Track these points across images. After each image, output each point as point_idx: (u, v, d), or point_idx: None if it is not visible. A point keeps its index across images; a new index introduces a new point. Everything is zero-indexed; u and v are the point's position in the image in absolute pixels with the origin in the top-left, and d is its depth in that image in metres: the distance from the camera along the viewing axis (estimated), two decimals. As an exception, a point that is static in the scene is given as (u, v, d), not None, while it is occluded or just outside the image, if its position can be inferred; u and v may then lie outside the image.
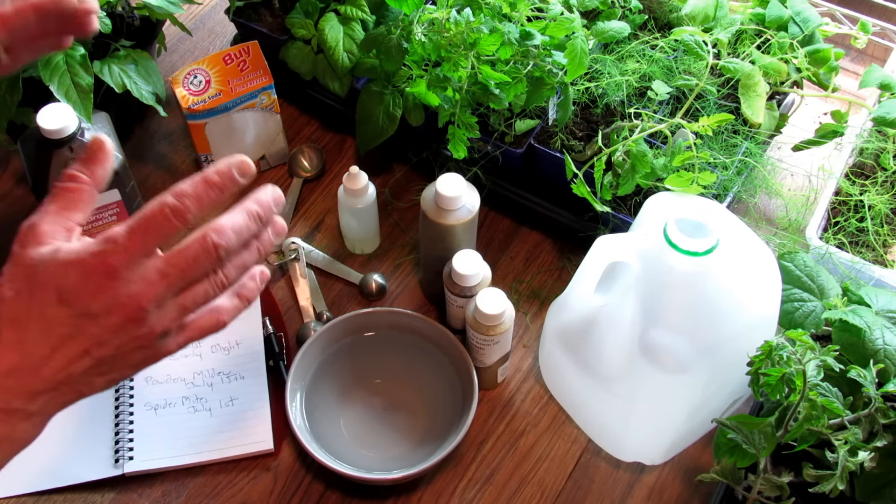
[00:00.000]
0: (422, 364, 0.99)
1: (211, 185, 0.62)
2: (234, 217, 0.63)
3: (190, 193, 0.62)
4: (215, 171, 0.63)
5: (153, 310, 0.61)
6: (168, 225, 0.61)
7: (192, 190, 0.62)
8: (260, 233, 0.65)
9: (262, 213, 0.64)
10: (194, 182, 0.62)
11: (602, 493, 0.94)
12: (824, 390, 0.75)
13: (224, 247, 0.62)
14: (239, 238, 0.63)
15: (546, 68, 0.98)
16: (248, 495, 0.94)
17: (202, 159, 1.12)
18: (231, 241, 0.62)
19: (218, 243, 0.62)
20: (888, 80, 1.03)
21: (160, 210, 0.60)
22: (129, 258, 0.60)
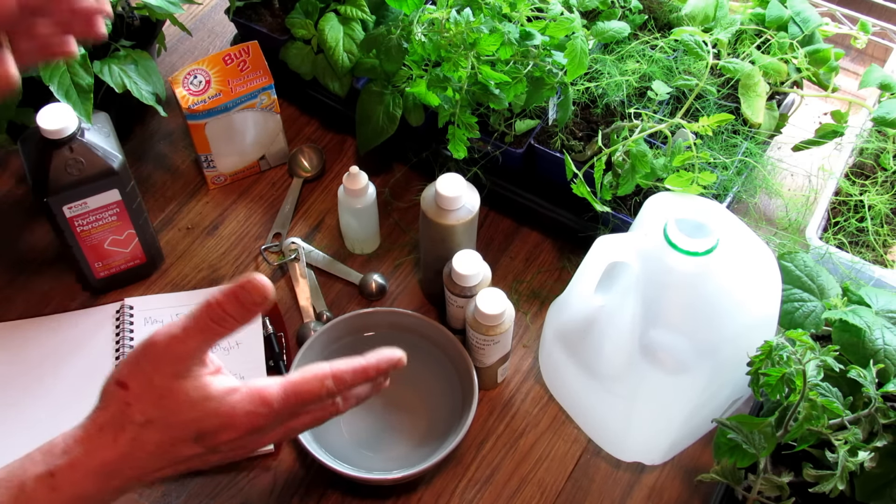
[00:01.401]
0: (422, 364, 0.99)
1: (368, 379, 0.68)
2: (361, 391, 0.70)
3: (349, 383, 0.66)
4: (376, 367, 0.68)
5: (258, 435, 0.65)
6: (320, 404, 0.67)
7: (351, 379, 0.66)
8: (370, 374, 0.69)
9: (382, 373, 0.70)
10: (355, 371, 0.67)
11: (602, 493, 0.94)
12: (824, 390, 0.75)
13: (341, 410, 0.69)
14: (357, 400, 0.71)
15: (546, 68, 0.98)
16: (248, 495, 0.94)
17: (202, 159, 1.12)
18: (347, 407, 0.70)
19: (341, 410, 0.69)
20: (888, 80, 1.03)
21: (320, 392, 0.65)
22: (276, 421, 0.64)
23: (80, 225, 0.97)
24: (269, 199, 1.16)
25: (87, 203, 0.95)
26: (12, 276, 1.08)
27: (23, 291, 1.06)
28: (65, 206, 0.94)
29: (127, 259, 1.03)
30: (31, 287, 1.07)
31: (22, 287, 1.07)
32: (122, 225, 0.99)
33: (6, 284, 1.07)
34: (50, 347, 1.01)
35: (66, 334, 1.02)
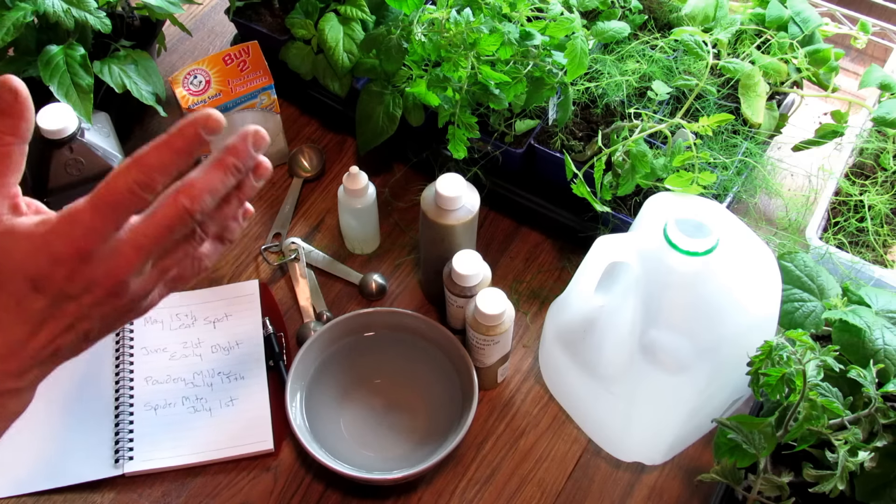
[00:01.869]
0: (422, 364, 0.99)
1: (177, 150, 0.56)
2: (210, 177, 0.57)
3: (155, 165, 0.56)
4: (179, 132, 0.56)
5: (133, 279, 0.58)
6: (135, 199, 0.56)
7: (157, 160, 0.56)
8: (241, 182, 0.60)
9: (241, 163, 0.58)
10: (159, 149, 0.56)
11: (602, 493, 0.94)
12: (824, 390, 0.75)
13: (199, 210, 0.57)
14: (215, 198, 0.58)
15: (546, 68, 0.98)
16: (248, 495, 0.94)
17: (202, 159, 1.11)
18: (207, 204, 0.57)
19: (192, 208, 0.57)
20: (888, 80, 1.03)
21: (127, 187, 0.55)
22: (99, 237, 0.56)
23: (80, 225, 0.96)
24: (269, 199, 1.16)
25: (87, 203, 0.95)
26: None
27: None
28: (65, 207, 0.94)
29: (127, 259, 1.03)
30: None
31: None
32: (122, 225, 0.99)
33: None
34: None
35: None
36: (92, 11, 0.96)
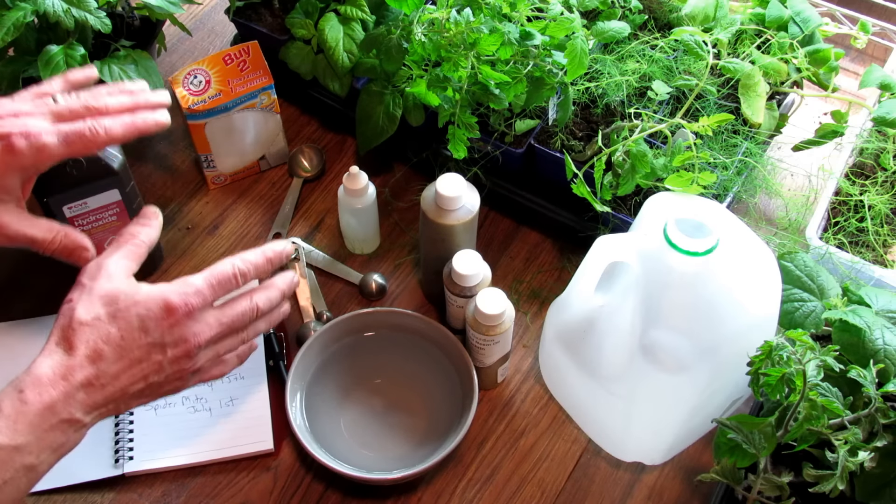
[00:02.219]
0: (422, 364, 0.99)
1: (267, 260, 0.77)
2: (272, 292, 0.78)
3: (253, 263, 0.76)
4: (273, 251, 0.78)
5: (202, 350, 0.73)
6: (234, 284, 0.74)
7: (254, 261, 0.76)
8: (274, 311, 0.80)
9: (287, 293, 0.80)
10: (257, 255, 0.77)
11: (602, 493, 0.94)
12: (824, 390, 0.75)
13: (262, 311, 0.77)
14: (270, 307, 0.78)
15: (546, 68, 0.98)
16: (248, 495, 0.94)
17: (202, 159, 1.12)
18: (265, 308, 0.77)
19: (260, 308, 0.76)
20: (888, 80, 1.03)
21: (233, 272, 0.74)
22: (204, 304, 0.72)
23: (80, 225, 0.97)
24: (269, 199, 1.16)
25: (88, 203, 0.95)
26: (13, 275, 1.08)
27: (23, 291, 1.06)
28: (65, 206, 0.94)
29: (127, 259, 1.04)
30: (31, 287, 1.07)
31: (22, 287, 1.07)
32: (122, 225, 0.99)
33: (6, 284, 1.07)
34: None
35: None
36: (92, 11, 0.96)
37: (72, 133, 0.75)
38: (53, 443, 0.67)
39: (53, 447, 0.67)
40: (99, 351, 0.69)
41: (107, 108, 0.78)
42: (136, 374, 0.70)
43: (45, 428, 0.66)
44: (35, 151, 0.74)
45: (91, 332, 0.69)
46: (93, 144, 0.76)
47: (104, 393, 0.69)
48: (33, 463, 0.66)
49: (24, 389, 0.67)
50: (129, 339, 0.70)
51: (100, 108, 0.78)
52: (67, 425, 0.68)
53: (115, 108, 0.79)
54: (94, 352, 0.68)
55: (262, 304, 0.77)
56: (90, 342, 0.69)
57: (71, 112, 0.77)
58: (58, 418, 0.67)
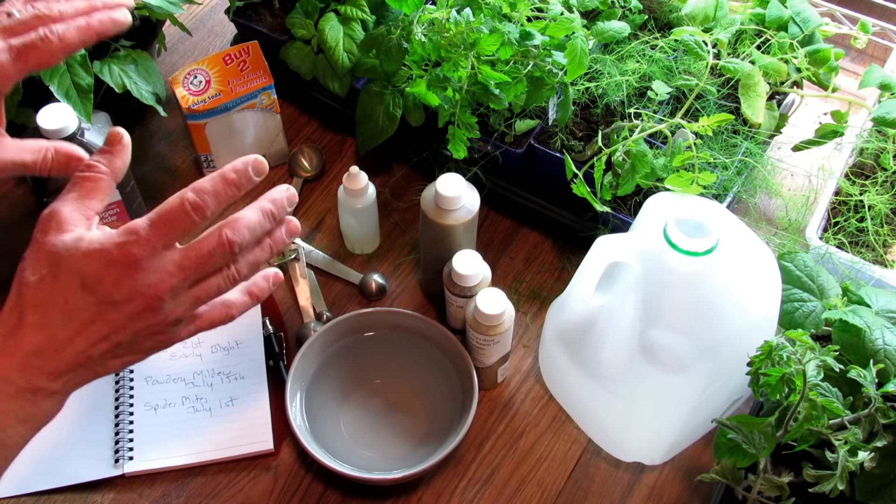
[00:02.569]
0: (422, 364, 0.99)
1: (228, 182, 0.65)
2: (249, 214, 0.65)
3: (209, 190, 0.64)
4: (232, 168, 0.65)
5: (169, 300, 0.64)
6: (188, 220, 0.63)
7: (210, 187, 0.64)
8: (273, 230, 0.68)
9: (276, 211, 0.67)
10: (213, 179, 0.65)
11: (602, 493, 0.94)
12: (824, 390, 0.75)
13: (238, 242, 0.64)
14: (252, 234, 0.66)
15: (546, 68, 0.98)
16: (248, 495, 0.94)
17: (202, 159, 1.12)
18: (245, 237, 0.65)
19: (232, 239, 0.64)
20: (888, 80, 1.03)
21: (181, 205, 0.63)
22: (151, 250, 0.63)
23: (80, 225, 0.96)
24: (269, 199, 1.15)
25: (87, 203, 0.95)
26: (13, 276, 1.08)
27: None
28: (65, 206, 0.94)
29: (127, 259, 1.03)
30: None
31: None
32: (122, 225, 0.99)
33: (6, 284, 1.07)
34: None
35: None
36: (92, 11, 0.96)
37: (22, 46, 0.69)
38: (19, 413, 0.64)
39: (20, 418, 0.64)
40: (45, 314, 0.64)
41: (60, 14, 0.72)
42: (93, 335, 0.64)
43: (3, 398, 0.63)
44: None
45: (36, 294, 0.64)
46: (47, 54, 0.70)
47: (63, 358, 0.64)
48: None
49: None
50: (73, 300, 0.63)
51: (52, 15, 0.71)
52: (30, 394, 0.64)
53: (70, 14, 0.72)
54: (41, 317, 0.64)
55: (235, 237, 0.64)
56: (36, 307, 0.64)
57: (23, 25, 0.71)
58: (15, 387, 0.63)
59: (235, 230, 0.65)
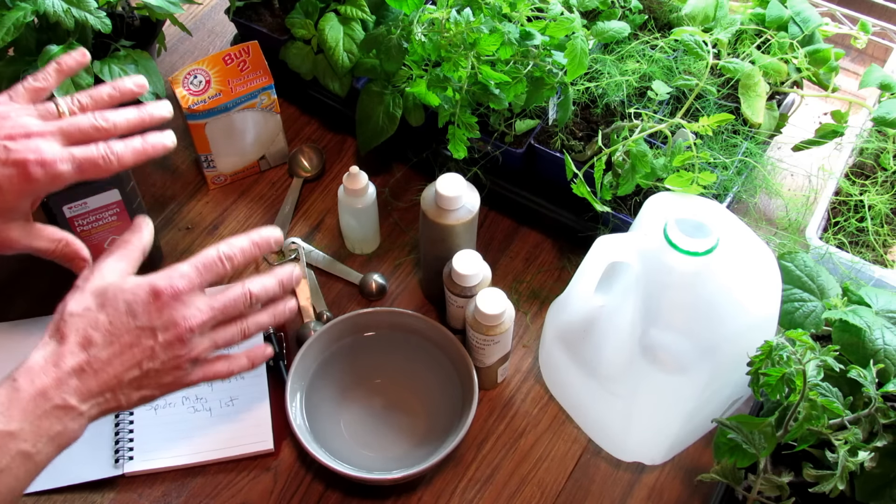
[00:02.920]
0: (422, 364, 0.99)
1: (254, 244, 0.77)
2: (266, 278, 0.77)
3: (238, 247, 0.76)
4: (259, 235, 0.77)
5: (197, 336, 0.72)
6: (221, 267, 0.74)
7: (239, 245, 0.76)
8: (278, 301, 0.79)
9: (286, 282, 0.78)
10: (242, 239, 0.76)
11: (602, 493, 0.94)
12: (824, 390, 0.75)
13: (255, 296, 0.76)
14: (266, 294, 0.76)
15: (546, 68, 0.98)
16: (248, 495, 0.94)
17: (202, 159, 1.12)
18: (261, 294, 0.76)
19: (252, 293, 0.75)
20: (888, 80, 1.03)
21: (218, 256, 0.74)
22: (191, 287, 0.72)
23: (80, 225, 0.97)
24: (269, 199, 1.16)
25: (88, 203, 0.95)
26: (13, 276, 1.08)
27: (23, 291, 1.06)
28: (65, 206, 0.94)
29: (127, 259, 1.03)
30: (31, 287, 1.07)
31: (22, 287, 1.07)
32: (122, 225, 0.99)
33: (6, 284, 1.07)
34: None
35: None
36: (92, 11, 0.96)
37: (86, 160, 0.76)
38: (49, 430, 0.67)
39: (50, 435, 0.68)
40: (88, 337, 0.70)
41: (115, 126, 0.79)
42: (129, 359, 0.70)
43: (39, 414, 0.67)
44: (50, 178, 0.75)
45: (80, 321, 0.70)
46: (105, 171, 0.78)
47: (97, 379, 0.69)
48: (29, 451, 0.67)
49: (17, 378, 0.68)
50: (117, 323, 0.70)
51: (108, 128, 0.79)
52: (62, 412, 0.68)
53: (123, 127, 0.80)
54: (84, 338, 0.70)
55: (255, 290, 0.76)
56: (80, 330, 0.70)
57: (81, 132, 0.77)
58: (50, 404, 0.67)
59: (254, 285, 0.76)
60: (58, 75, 0.82)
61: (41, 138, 0.76)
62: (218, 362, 0.77)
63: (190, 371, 0.74)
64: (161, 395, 0.74)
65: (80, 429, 0.70)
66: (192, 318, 0.72)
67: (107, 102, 0.82)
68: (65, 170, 0.75)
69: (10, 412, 0.66)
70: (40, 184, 0.75)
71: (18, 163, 0.74)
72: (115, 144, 0.78)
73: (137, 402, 0.73)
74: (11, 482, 0.66)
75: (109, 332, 0.70)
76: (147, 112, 0.81)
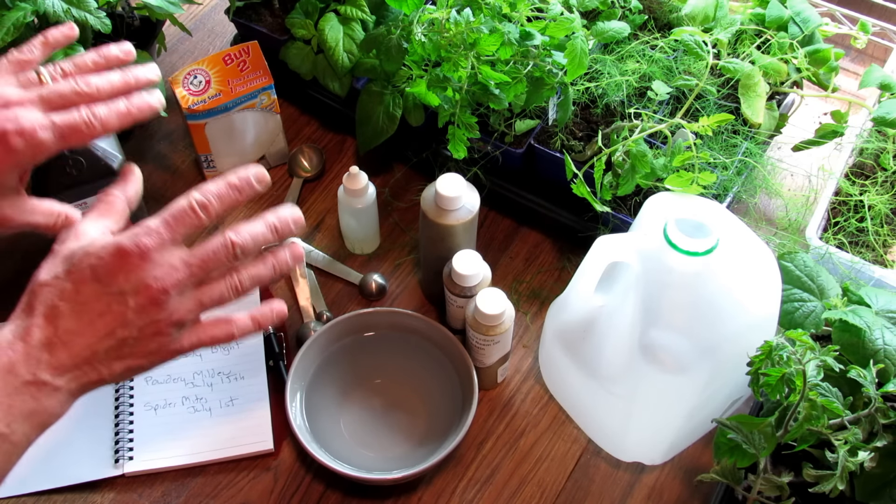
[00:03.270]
0: (422, 364, 0.99)
1: (232, 187, 0.68)
2: (253, 223, 0.69)
3: (213, 191, 0.67)
4: (236, 174, 0.68)
5: (174, 295, 0.66)
6: (195, 216, 0.67)
7: (215, 189, 0.68)
8: (276, 250, 0.71)
9: (279, 226, 0.69)
10: (217, 182, 0.68)
11: (602, 493, 0.94)
12: (824, 390, 0.75)
13: (240, 245, 0.67)
14: (254, 241, 0.68)
15: (546, 68, 0.98)
16: (248, 495, 0.94)
17: (202, 159, 1.12)
18: (247, 242, 0.68)
19: (235, 241, 0.67)
20: (888, 80, 1.03)
21: (188, 204, 0.67)
22: (161, 243, 0.65)
23: (80, 225, 0.96)
24: (269, 199, 1.16)
25: (87, 203, 0.95)
26: (13, 276, 1.08)
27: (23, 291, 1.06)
28: (65, 207, 0.94)
29: (127, 259, 1.03)
30: (31, 287, 1.06)
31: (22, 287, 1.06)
32: (122, 225, 0.99)
33: (7, 284, 1.07)
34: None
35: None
36: (92, 11, 0.96)
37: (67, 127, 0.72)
38: (22, 408, 0.64)
39: (24, 413, 0.64)
40: (55, 308, 0.65)
41: (98, 90, 0.75)
42: (101, 328, 0.65)
43: (9, 392, 0.63)
44: (31, 148, 0.72)
45: (48, 291, 0.66)
46: (88, 137, 0.74)
47: (69, 351, 0.65)
48: (3, 431, 0.63)
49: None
50: (84, 291, 0.65)
51: (91, 92, 0.74)
52: (35, 388, 0.64)
53: (106, 91, 0.75)
54: (51, 309, 0.65)
55: (238, 239, 0.67)
56: (47, 301, 0.66)
57: (61, 98, 0.74)
58: (20, 380, 0.64)
59: (238, 233, 0.67)
60: (44, 48, 0.79)
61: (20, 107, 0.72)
62: (214, 325, 0.70)
63: (176, 336, 0.68)
64: (151, 364, 0.68)
65: (59, 405, 0.66)
66: (165, 278, 0.65)
67: (90, 69, 0.78)
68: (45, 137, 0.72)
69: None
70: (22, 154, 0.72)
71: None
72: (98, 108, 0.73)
73: (124, 373, 0.68)
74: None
75: (76, 301, 0.65)
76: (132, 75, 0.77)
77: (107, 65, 0.79)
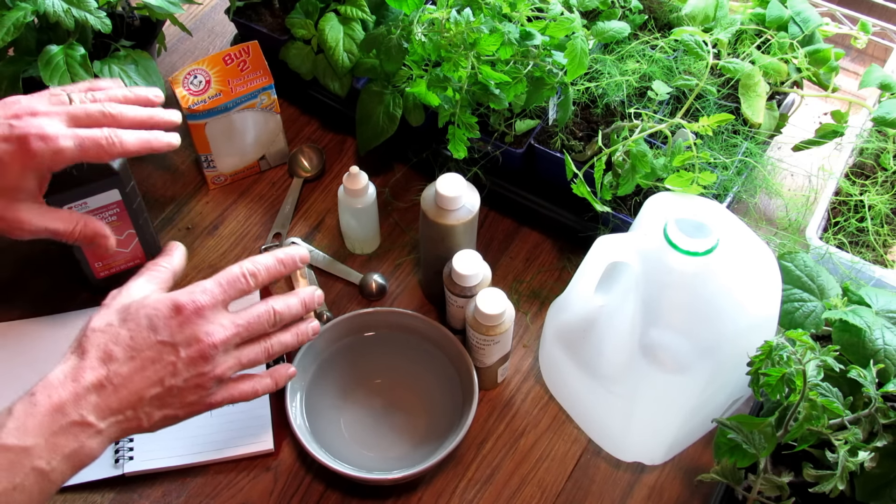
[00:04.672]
0: (422, 364, 0.99)
1: (279, 262, 0.77)
2: (290, 298, 0.78)
3: (263, 264, 0.76)
4: (284, 252, 0.78)
5: (220, 353, 0.72)
6: (245, 283, 0.74)
7: (264, 262, 0.76)
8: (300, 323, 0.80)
9: (309, 304, 0.80)
10: (267, 257, 0.77)
11: (602, 493, 0.94)
12: (824, 390, 0.75)
13: (280, 314, 0.76)
14: (290, 314, 0.77)
15: (546, 68, 0.98)
16: (248, 495, 0.94)
17: (202, 159, 1.12)
18: (285, 314, 0.77)
19: (277, 311, 0.76)
20: (888, 80, 1.03)
21: (241, 272, 0.75)
22: (214, 303, 0.72)
23: (80, 225, 0.97)
24: (269, 199, 1.16)
25: (87, 203, 0.95)
26: (12, 276, 1.08)
27: (23, 291, 1.06)
28: (65, 206, 0.94)
29: (127, 259, 1.03)
30: (31, 287, 1.07)
31: (22, 287, 1.07)
32: (122, 225, 0.99)
33: (6, 284, 1.07)
34: (50, 347, 1.00)
35: (66, 334, 1.01)
36: (92, 11, 0.96)
37: (88, 140, 0.76)
38: (65, 447, 0.66)
39: (65, 453, 0.66)
40: (109, 352, 0.68)
41: (123, 116, 0.79)
42: (150, 375, 0.69)
43: (55, 430, 0.66)
44: (51, 153, 0.75)
45: (102, 336, 0.69)
46: (107, 154, 0.78)
47: (118, 396, 0.68)
48: (44, 468, 0.65)
49: (35, 393, 0.67)
50: (138, 338, 0.69)
51: (116, 115, 0.79)
52: (79, 429, 0.66)
53: (130, 119, 0.80)
54: (105, 353, 0.68)
55: (279, 307, 0.75)
56: (101, 345, 0.69)
57: (87, 116, 0.78)
58: (67, 420, 0.66)
59: (279, 305, 0.76)
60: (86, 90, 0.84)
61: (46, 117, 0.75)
62: (242, 382, 0.76)
63: (214, 390, 0.72)
64: (185, 416, 0.72)
65: (98, 447, 0.68)
66: (215, 334, 0.71)
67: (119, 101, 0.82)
68: (67, 146, 0.75)
69: (26, 427, 0.65)
70: (42, 158, 0.74)
71: (20, 138, 0.73)
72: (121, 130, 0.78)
73: (160, 423, 0.71)
74: (25, 500, 0.65)
75: (130, 347, 0.69)
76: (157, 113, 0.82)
77: (135, 102, 0.83)
